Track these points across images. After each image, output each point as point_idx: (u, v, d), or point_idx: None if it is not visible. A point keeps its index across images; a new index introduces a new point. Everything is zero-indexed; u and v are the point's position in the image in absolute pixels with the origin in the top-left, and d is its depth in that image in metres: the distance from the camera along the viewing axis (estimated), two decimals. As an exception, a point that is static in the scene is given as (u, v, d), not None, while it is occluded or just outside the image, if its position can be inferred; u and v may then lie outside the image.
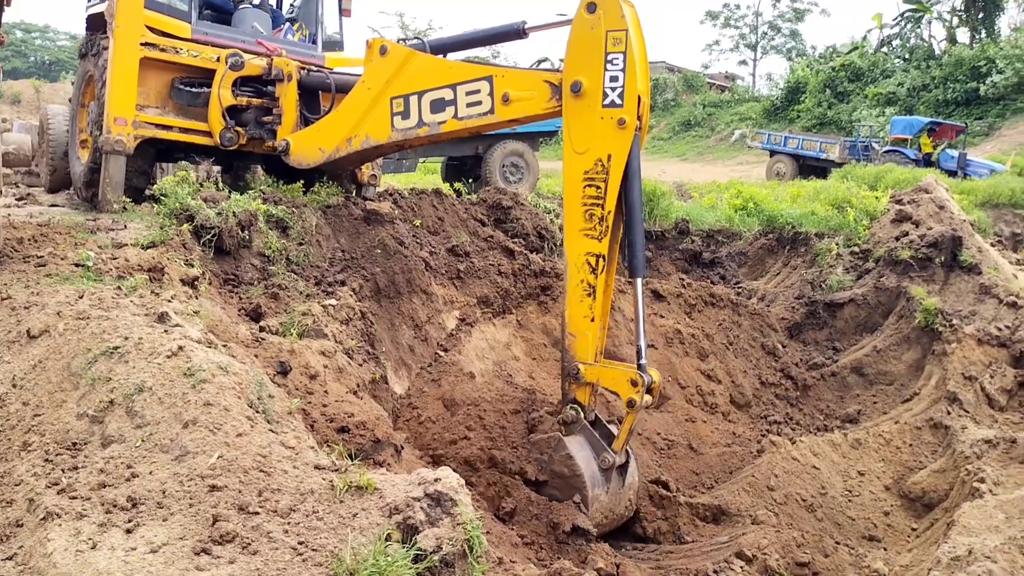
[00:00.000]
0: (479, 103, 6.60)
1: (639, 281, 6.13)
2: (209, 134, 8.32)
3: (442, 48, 7.57)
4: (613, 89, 5.83)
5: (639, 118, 5.88)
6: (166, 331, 3.25)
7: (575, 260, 6.07)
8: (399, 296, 7.70)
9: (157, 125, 8.14)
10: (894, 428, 8.01)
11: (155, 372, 2.90)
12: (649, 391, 5.93)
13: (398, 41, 7.47)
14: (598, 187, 5.91)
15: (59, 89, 41.05)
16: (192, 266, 6.12)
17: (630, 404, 5.89)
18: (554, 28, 6.99)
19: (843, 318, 9.89)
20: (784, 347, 9.65)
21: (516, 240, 8.96)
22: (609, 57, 5.82)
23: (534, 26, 7.10)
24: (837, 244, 10.59)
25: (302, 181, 8.52)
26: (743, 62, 55.95)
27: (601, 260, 5.99)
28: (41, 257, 4.86)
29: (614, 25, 5.79)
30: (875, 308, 9.81)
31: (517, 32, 7.12)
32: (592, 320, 6.08)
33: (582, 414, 6.19)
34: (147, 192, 8.83)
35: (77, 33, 63.19)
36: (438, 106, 6.81)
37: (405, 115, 7.03)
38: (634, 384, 5.86)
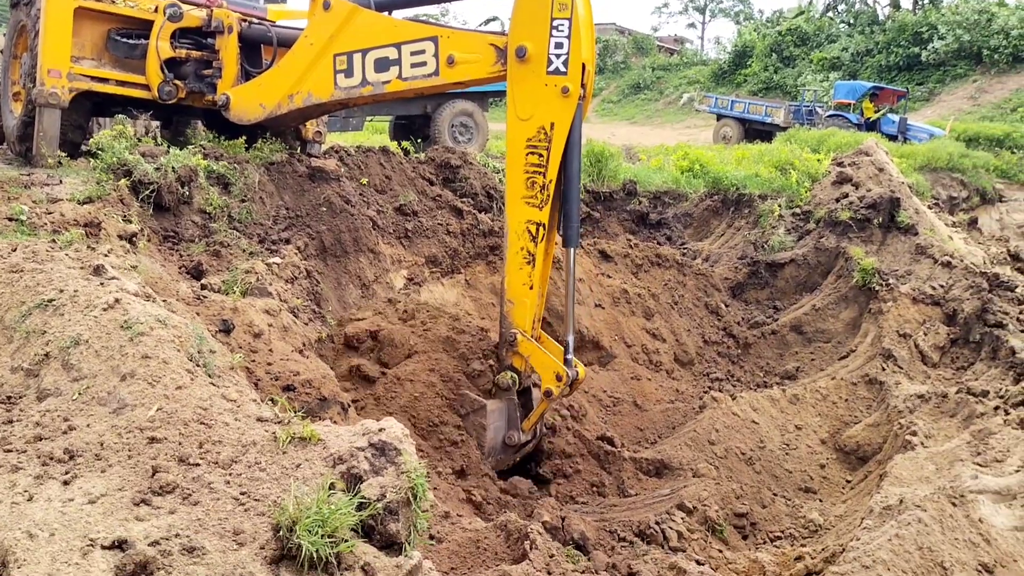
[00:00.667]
0: (424, 64, 6.50)
1: (572, 252, 6.19)
2: (147, 87, 8.08)
3: (388, 5, 7.43)
4: (558, 56, 5.79)
5: (583, 87, 5.85)
6: (102, 284, 3.19)
7: (516, 227, 6.09)
8: (346, 255, 7.65)
9: (93, 78, 7.87)
10: (831, 384, 8.25)
11: (91, 325, 2.85)
12: (572, 385, 6.13)
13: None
14: (540, 155, 5.90)
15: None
16: (130, 222, 5.99)
17: (547, 394, 6.12)
18: None
19: (784, 278, 10.09)
20: (727, 307, 9.83)
21: (465, 200, 8.93)
22: (555, 23, 5.77)
23: None
24: (780, 206, 10.77)
25: (244, 137, 8.34)
26: (692, 25, 56.22)
27: (541, 228, 6.02)
28: (-31, 212, 4.71)
29: None
30: (815, 268, 10.03)
31: None
32: (531, 288, 6.14)
33: (517, 383, 6.30)
34: (83, 147, 8.57)
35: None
36: (382, 65, 6.70)
37: (348, 73, 6.90)
38: (558, 379, 6.04)
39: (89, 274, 3.27)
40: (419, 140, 18.56)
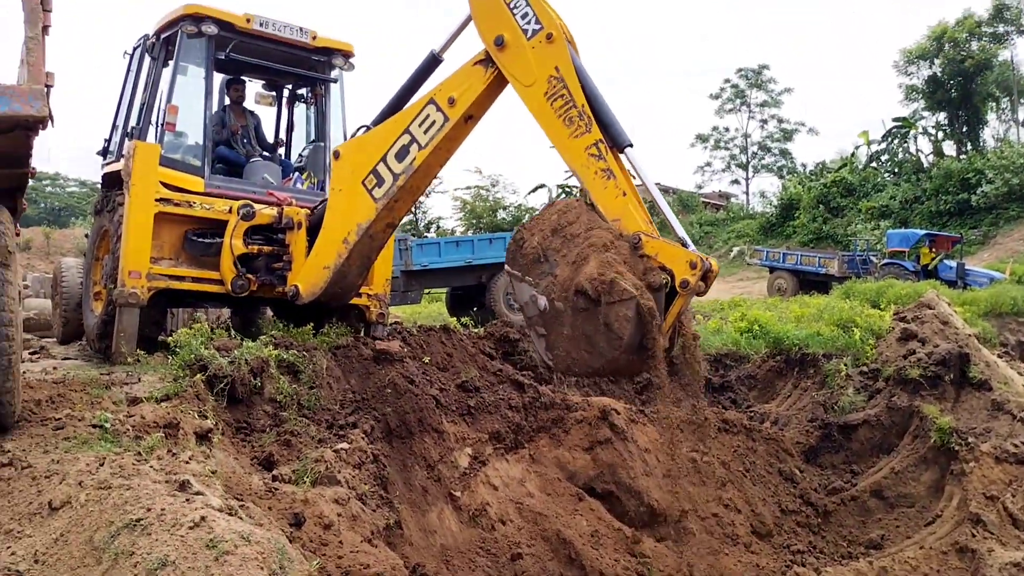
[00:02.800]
0: (433, 122, 7.16)
1: (628, 152, 6.28)
2: (221, 282, 8.50)
3: (382, 118, 7.83)
4: (528, 22, 6.49)
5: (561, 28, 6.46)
6: (187, 500, 3.26)
7: (581, 161, 6.24)
8: (411, 436, 7.68)
9: (170, 276, 8.33)
10: (920, 554, 7.83)
11: (178, 545, 2.90)
12: (705, 278, 5.76)
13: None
14: (562, 95, 6.37)
15: (68, 235, 41.97)
16: (206, 417, 6.15)
17: (683, 285, 5.72)
18: (460, 33, 7.36)
19: (858, 440, 9.81)
20: (801, 472, 9.53)
21: (525, 373, 9.00)
22: (512, 4, 6.54)
23: (443, 45, 7.50)
24: (845, 364, 10.61)
25: (312, 324, 8.63)
26: (736, 181, 57.09)
27: (600, 144, 6.18)
28: (59, 420, 4.90)
29: None
30: (889, 428, 9.74)
31: (433, 61, 7.56)
32: (624, 195, 6.10)
33: (668, 284, 5.83)
34: (160, 339, 8.96)
35: (86, 179, 65.00)
36: (402, 153, 7.33)
37: (380, 183, 7.48)
38: (693, 266, 5.73)
39: (175, 489, 3.36)
40: (474, 309, 18.99)
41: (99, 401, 5.80)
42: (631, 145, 6.32)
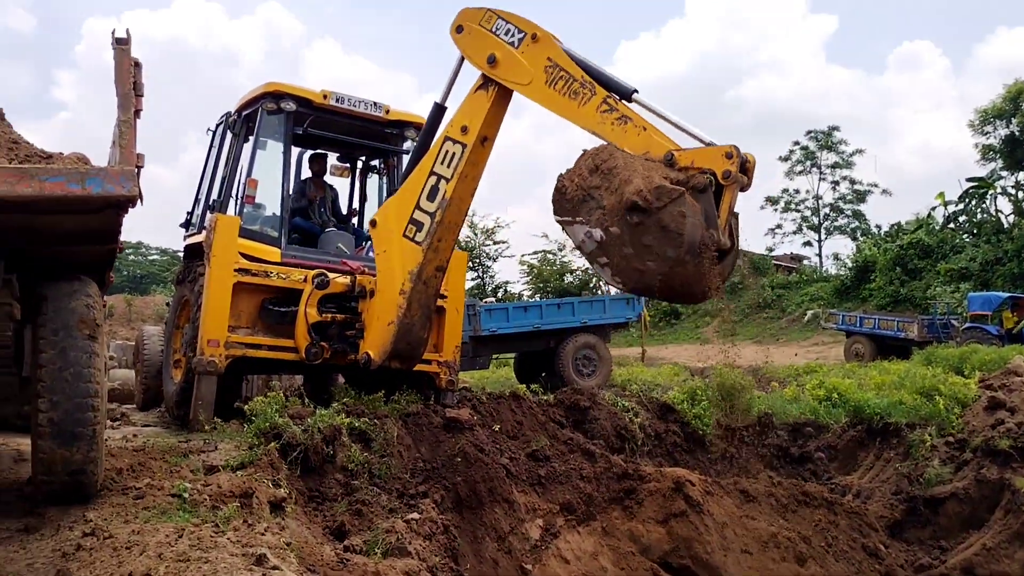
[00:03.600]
0: (453, 155, 7.66)
1: (636, 98, 6.64)
2: (296, 350, 8.64)
3: (406, 176, 8.29)
4: (511, 35, 7.18)
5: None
6: (264, 575, 3.27)
7: (596, 120, 6.64)
8: (481, 506, 7.61)
9: (247, 344, 8.51)
10: (1020, 639, 7.33)
11: (254, 622, 2.90)
12: (744, 169, 5.91)
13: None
14: (562, 77, 6.81)
15: (149, 302, 43.35)
16: (280, 486, 6.19)
17: (726, 176, 5.85)
18: (456, 77, 7.88)
19: (946, 514, 9.34)
20: (887, 548, 9.09)
21: (596, 442, 8.87)
22: (493, 28, 7.27)
23: (444, 94, 8.06)
24: (930, 435, 10.18)
25: (383, 391, 8.68)
26: (808, 243, 55.99)
27: (609, 99, 6.58)
28: (139, 489, 5.00)
29: (477, 16, 7.40)
30: (979, 502, 9.26)
31: (439, 111, 8.11)
32: (644, 129, 6.37)
33: (712, 184, 5.94)
34: (235, 405, 9.13)
35: (167, 248, 67.38)
36: (433, 192, 7.82)
37: (419, 227, 7.90)
38: (728, 156, 5.87)
39: (252, 564, 3.38)
40: (543, 375, 18.86)
41: (177, 469, 5.91)
42: (636, 91, 6.69)
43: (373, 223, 8.36)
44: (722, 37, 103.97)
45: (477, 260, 45.73)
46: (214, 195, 9.74)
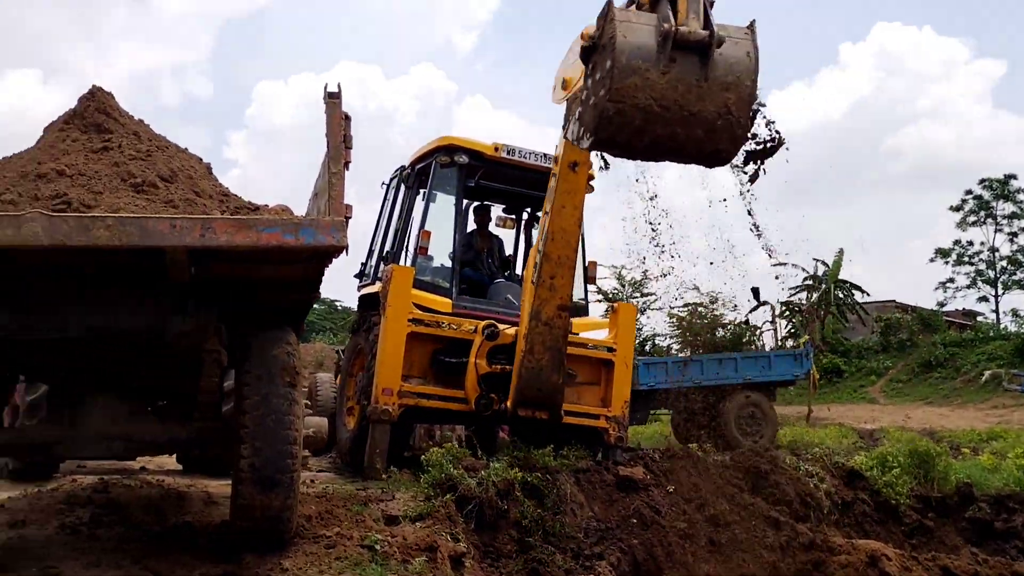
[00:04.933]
0: (551, 187, 7.57)
1: None
2: (465, 401, 8.62)
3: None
4: None
5: None
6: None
7: None
8: (660, 572, 7.23)
9: (419, 394, 8.56)
10: None
11: None
12: None
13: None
14: None
15: (309, 349, 45.21)
16: (458, 540, 6.09)
17: None
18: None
19: None
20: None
21: (779, 508, 8.30)
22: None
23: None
24: None
25: (551, 445, 8.49)
26: (983, 298, 52.09)
27: None
28: (330, 538, 5.00)
29: None
30: None
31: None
32: None
33: None
34: (405, 454, 9.20)
35: (326, 297, 70.37)
36: (541, 230, 7.85)
37: (535, 268, 7.75)
38: None
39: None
40: (702, 431, 18.16)
41: (361, 519, 5.90)
42: None
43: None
44: (879, 84, 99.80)
45: (622, 312, 45.21)
46: (387, 246, 9.98)
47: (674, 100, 4.96)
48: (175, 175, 4.65)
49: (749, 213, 6.46)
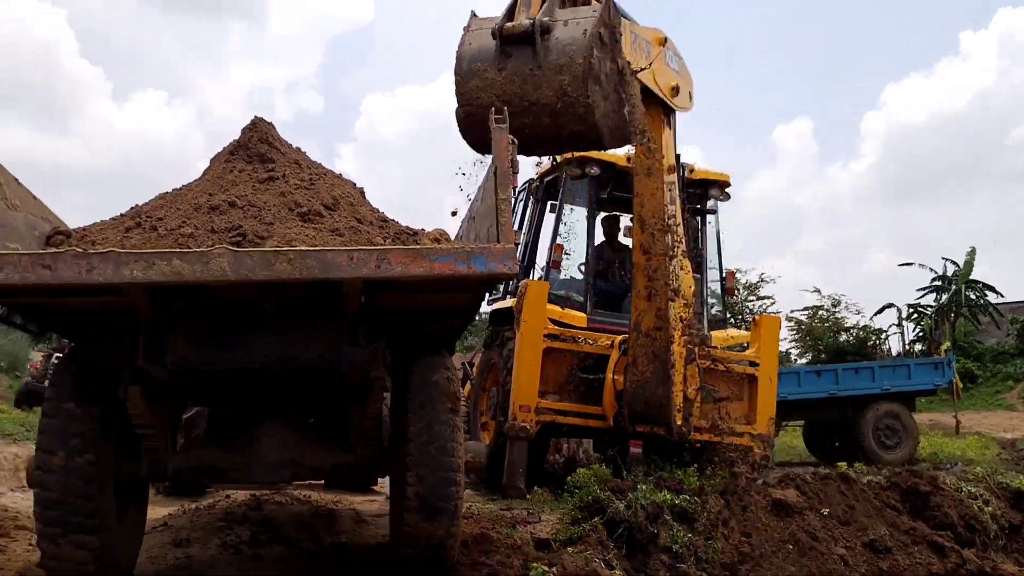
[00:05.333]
0: None
1: None
2: (602, 417, 8.46)
3: None
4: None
5: None
6: None
7: None
8: (820, 602, 6.85)
9: (556, 411, 8.45)
10: None
11: None
12: None
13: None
14: None
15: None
16: (613, 567, 5.93)
17: None
18: None
19: None
20: None
21: (943, 533, 7.77)
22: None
23: None
24: None
25: (695, 466, 8.22)
26: None
27: None
28: (491, 566, 4.94)
29: None
30: None
31: None
32: None
33: None
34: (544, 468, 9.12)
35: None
36: None
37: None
38: None
39: None
40: (836, 444, 17.39)
41: (515, 543, 5.82)
42: None
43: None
44: (1002, 73, 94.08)
45: (740, 317, 44.04)
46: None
47: (513, 93, 5.14)
48: (337, 203, 4.67)
49: None
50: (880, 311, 43.36)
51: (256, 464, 4.83)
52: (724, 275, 9.70)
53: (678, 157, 8.10)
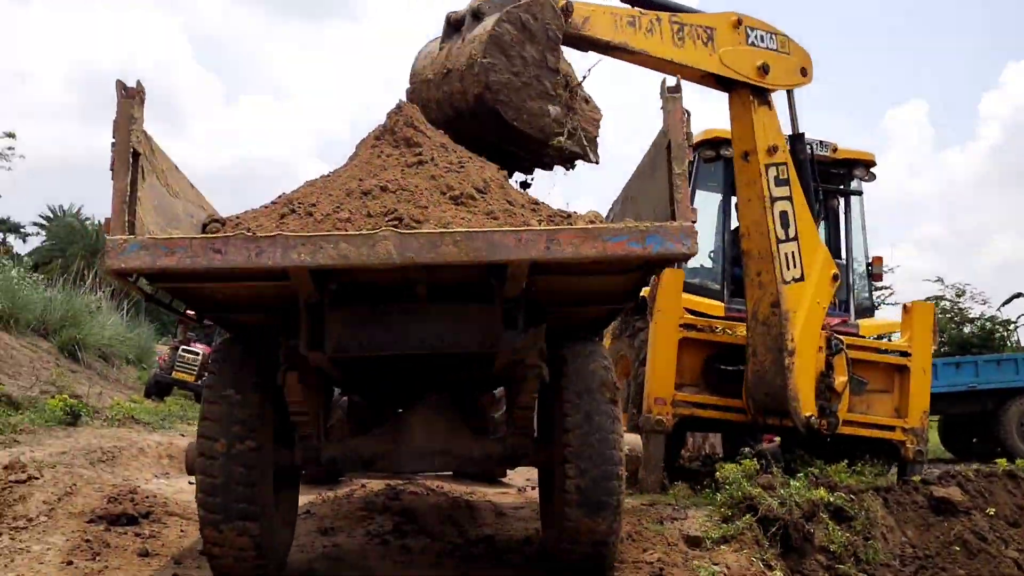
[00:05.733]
0: None
1: None
2: (743, 411, 8.09)
3: None
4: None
5: None
6: None
7: None
8: (993, 609, 6.35)
9: (694, 404, 8.12)
10: None
11: None
12: None
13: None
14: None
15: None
16: (772, 568, 5.60)
17: None
18: None
19: None
20: None
21: None
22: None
23: None
24: None
25: (845, 461, 7.76)
26: None
27: None
28: (652, 565, 4.71)
29: None
30: None
31: None
32: None
33: None
34: (676, 463, 8.81)
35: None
36: None
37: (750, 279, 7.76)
38: None
39: None
40: (974, 440, 16.38)
41: (671, 540, 5.57)
42: None
43: None
44: None
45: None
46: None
47: (442, 65, 5.61)
48: (488, 185, 4.50)
49: None
50: (1008, 301, 40.66)
51: (406, 453, 4.73)
52: (870, 260, 9.12)
53: (801, 135, 7.72)
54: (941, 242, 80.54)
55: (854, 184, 9.10)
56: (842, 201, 9.19)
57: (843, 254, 9.08)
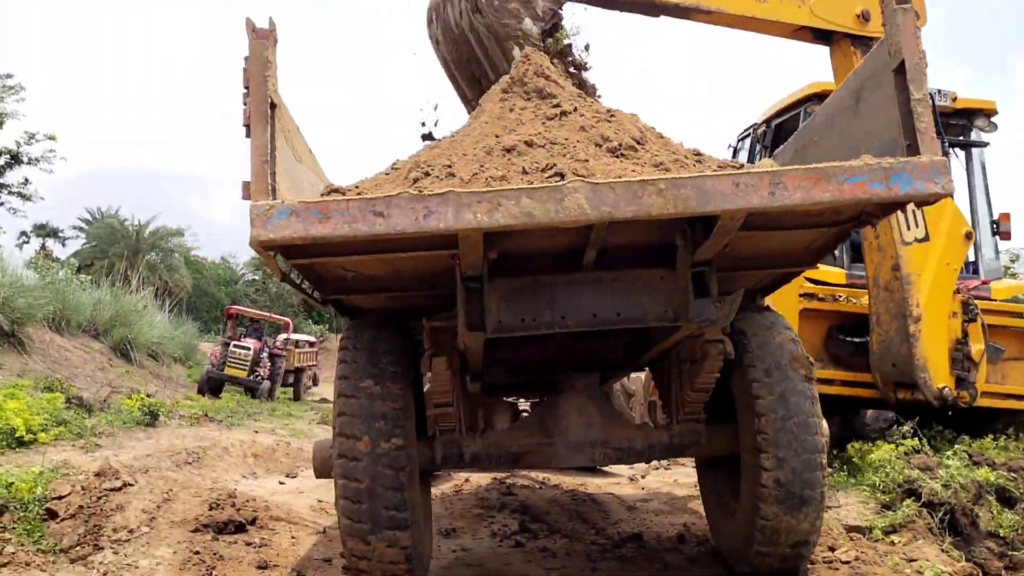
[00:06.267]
0: None
1: None
2: (873, 385, 7.42)
3: None
4: None
5: None
6: None
7: None
8: None
9: (817, 380, 7.45)
10: None
11: None
12: None
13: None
14: None
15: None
16: (956, 560, 4.98)
17: None
18: None
19: None
20: None
21: None
22: None
23: None
24: None
25: (990, 436, 7.09)
26: None
27: None
28: (849, 564, 4.10)
29: None
30: None
31: None
32: None
33: None
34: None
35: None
36: None
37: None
38: None
39: None
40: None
41: (833, 530, 4.96)
42: None
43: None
44: None
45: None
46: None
47: None
48: (644, 135, 3.89)
49: None
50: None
51: (564, 446, 4.15)
52: (996, 217, 8.36)
53: None
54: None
55: (974, 135, 8.34)
56: (962, 154, 8.42)
57: (967, 212, 8.32)
